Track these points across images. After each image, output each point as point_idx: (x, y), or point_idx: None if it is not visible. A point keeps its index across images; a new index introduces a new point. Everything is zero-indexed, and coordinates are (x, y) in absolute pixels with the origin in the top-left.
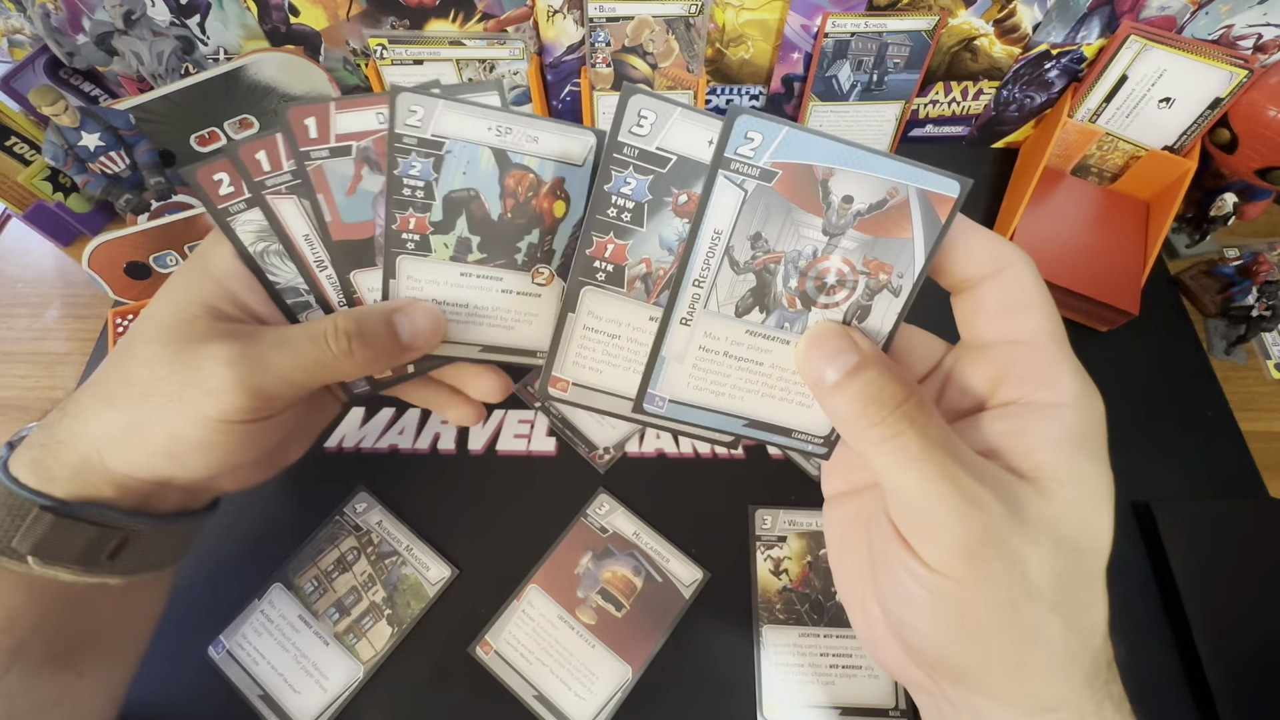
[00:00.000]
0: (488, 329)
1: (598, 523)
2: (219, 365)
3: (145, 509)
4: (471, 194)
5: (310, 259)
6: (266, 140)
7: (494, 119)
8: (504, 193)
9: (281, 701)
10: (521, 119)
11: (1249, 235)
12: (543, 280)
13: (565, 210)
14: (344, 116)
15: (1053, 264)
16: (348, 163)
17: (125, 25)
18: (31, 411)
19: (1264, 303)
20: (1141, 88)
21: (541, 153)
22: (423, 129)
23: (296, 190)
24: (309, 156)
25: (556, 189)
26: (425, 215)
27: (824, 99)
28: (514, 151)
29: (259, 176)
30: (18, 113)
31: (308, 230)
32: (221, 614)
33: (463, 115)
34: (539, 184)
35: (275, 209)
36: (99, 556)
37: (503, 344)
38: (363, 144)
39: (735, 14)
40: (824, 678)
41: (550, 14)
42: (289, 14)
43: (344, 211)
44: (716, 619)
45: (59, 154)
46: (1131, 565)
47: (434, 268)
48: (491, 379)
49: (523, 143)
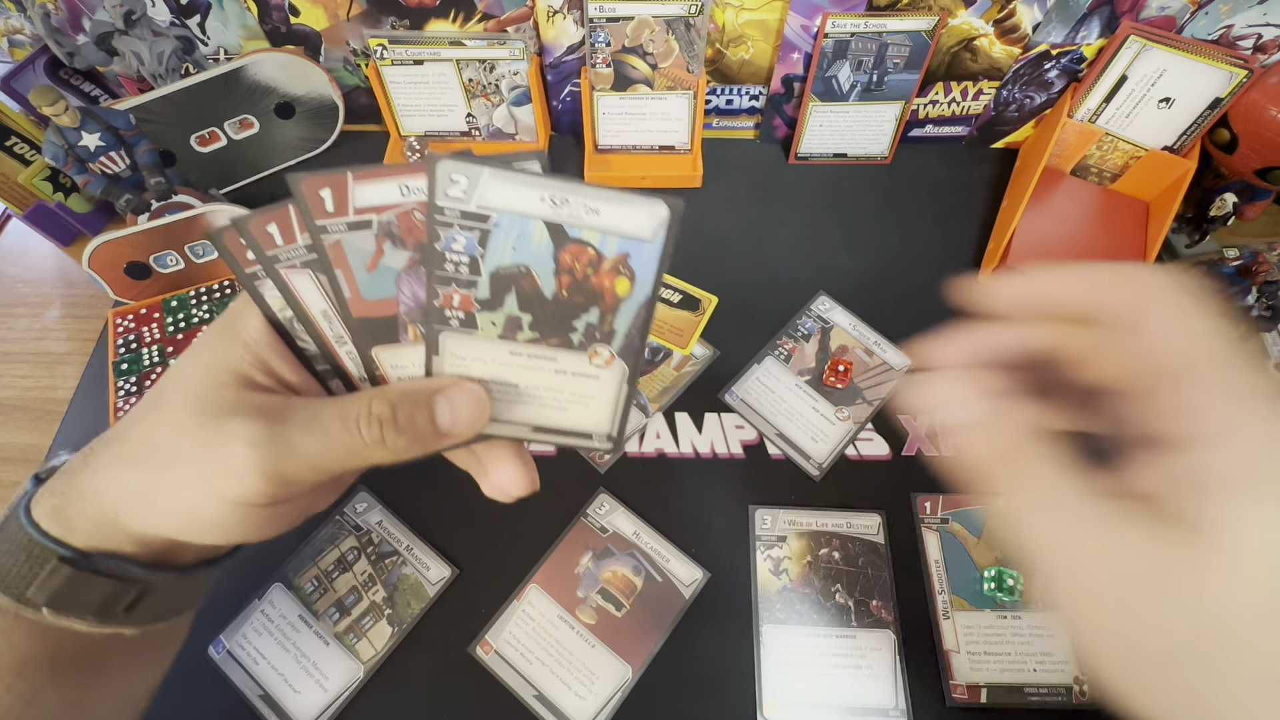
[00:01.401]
0: (539, 409)
1: (598, 523)
2: (244, 446)
3: (165, 563)
4: (522, 270)
5: (329, 335)
6: (278, 212)
7: (547, 188)
8: (559, 269)
9: (281, 701)
10: (580, 189)
11: (1249, 235)
12: (601, 362)
13: (629, 288)
14: (363, 188)
15: (1053, 264)
16: (368, 237)
17: (125, 25)
18: (32, 411)
19: (1264, 303)
20: (1141, 88)
21: (603, 226)
22: (466, 201)
23: (312, 265)
24: (325, 230)
25: (620, 265)
26: (470, 292)
27: (824, 99)
28: (570, 225)
29: (271, 250)
30: (18, 113)
31: (325, 306)
32: (221, 614)
33: (511, 185)
34: (599, 260)
35: (290, 284)
36: (115, 609)
37: (555, 425)
38: (384, 218)
39: (735, 14)
40: (824, 678)
41: (550, 14)
42: (289, 14)
43: (364, 288)
44: (716, 619)
45: (59, 154)
46: None
47: (481, 345)
48: (514, 469)
49: (581, 215)
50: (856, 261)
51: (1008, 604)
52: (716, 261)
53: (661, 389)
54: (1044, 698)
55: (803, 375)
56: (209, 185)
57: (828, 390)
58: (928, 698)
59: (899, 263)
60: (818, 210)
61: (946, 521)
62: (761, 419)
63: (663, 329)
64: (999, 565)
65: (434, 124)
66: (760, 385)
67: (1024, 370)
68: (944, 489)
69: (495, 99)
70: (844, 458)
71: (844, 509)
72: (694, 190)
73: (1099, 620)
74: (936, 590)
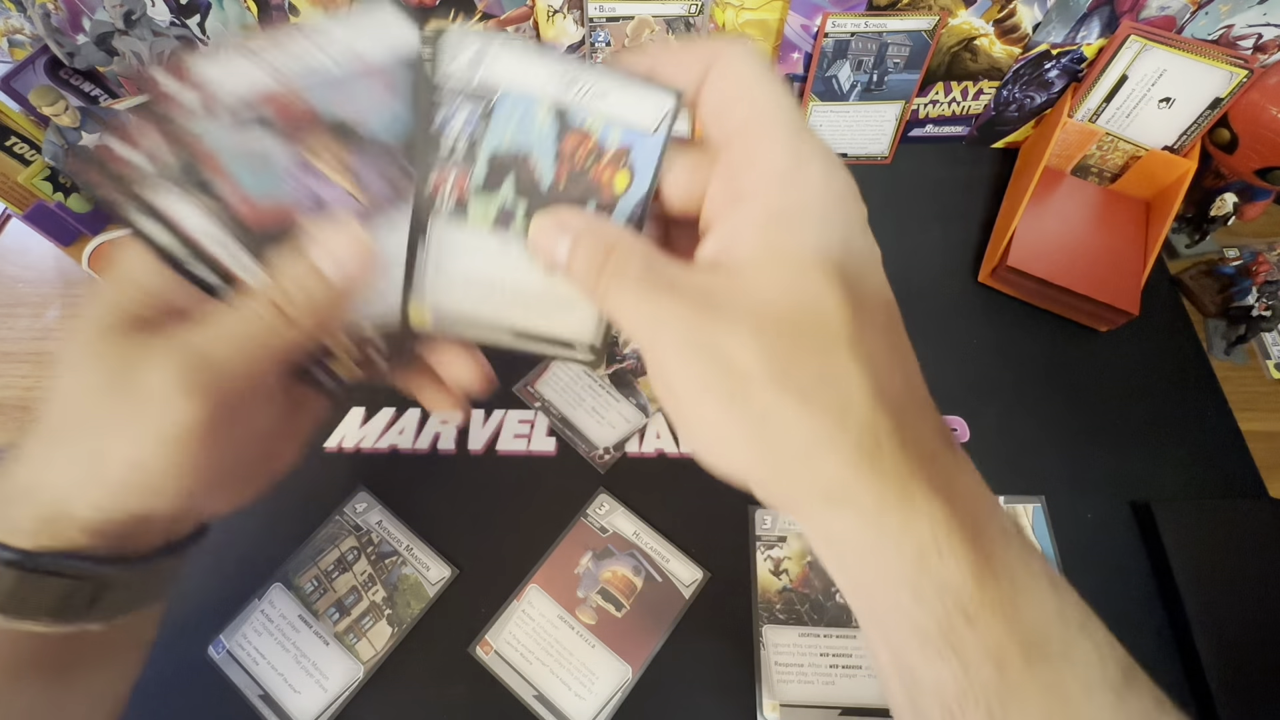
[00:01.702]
0: (523, 312)
1: (598, 523)
2: (157, 373)
3: (125, 551)
4: (523, 155)
5: (225, 258)
6: (129, 129)
7: (558, 65)
8: (559, 157)
9: (281, 701)
10: (589, 68)
11: (1249, 235)
12: None
13: (628, 184)
14: (217, 72)
15: (1053, 264)
16: (243, 134)
17: (125, 25)
18: (32, 411)
19: (1264, 303)
20: (1141, 88)
21: (608, 112)
22: (471, 73)
23: (181, 182)
24: (187, 138)
25: (620, 158)
26: (467, 174)
27: (824, 99)
28: (576, 108)
29: (131, 174)
30: (18, 113)
31: (209, 227)
32: (221, 614)
33: (521, 59)
34: (601, 151)
35: (163, 210)
36: (74, 607)
37: (538, 331)
38: (255, 107)
39: (735, 14)
40: (824, 678)
41: (550, 14)
42: (289, 14)
43: (254, 192)
44: (716, 619)
45: (59, 154)
46: (1131, 565)
47: (471, 235)
48: (466, 362)
49: (588, 99)
50: None
51: None
52: None
53: None
54: None
55: None
56: None
57: None
58: None
59: (899, 263)
60: None
61: None
62: None
63: None
64: None
65: None
66: None
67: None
68: None
69: None
70: None
71: None
72: None
73: (692, 408)
74: None
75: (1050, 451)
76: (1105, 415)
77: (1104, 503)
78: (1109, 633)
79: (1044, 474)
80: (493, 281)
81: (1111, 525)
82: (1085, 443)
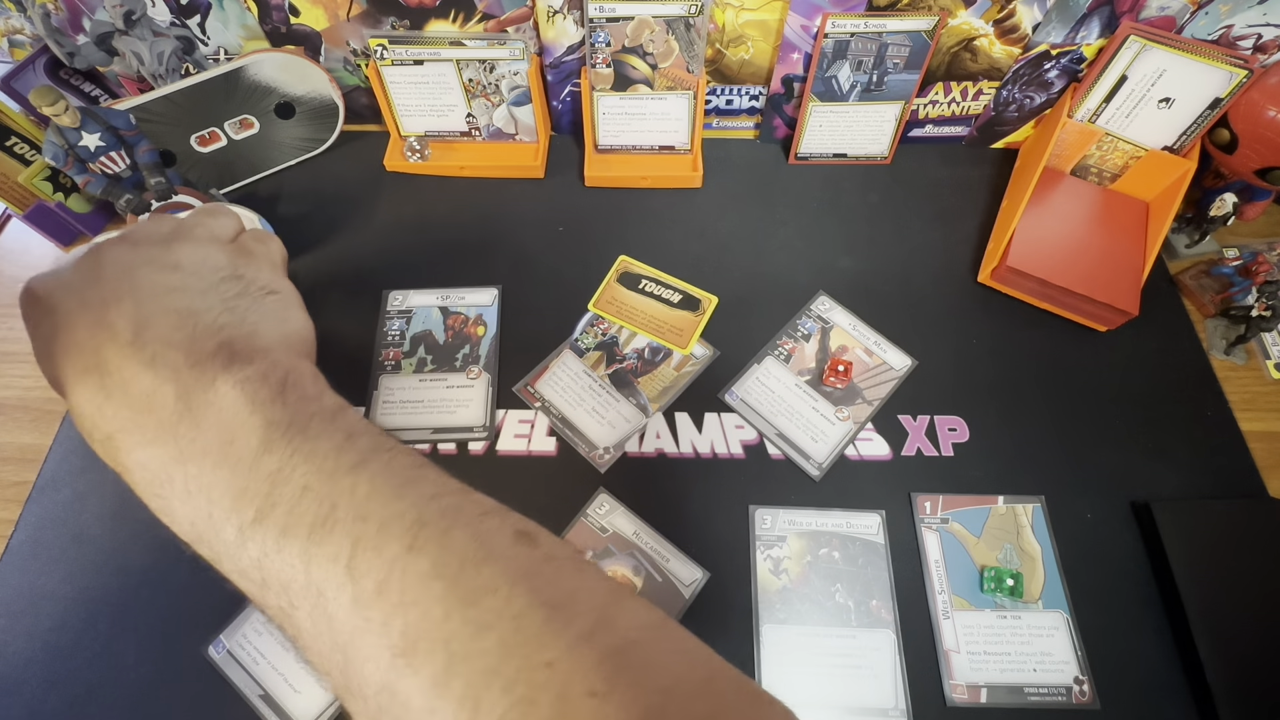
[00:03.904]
0: (437, 415)
1: (598, 523)
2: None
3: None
4: (427, 332)
5: None
6: None
7: (441, 293)
8: (446, 328)
9: (281, 701)
10: (454, 293)
11: (1249, 235)
12: (474, 375)
13: (484, 331)
14: None
15: (1053, 264)
16: None
17: (125, 25)
18: (32, 411)
19: (1264, 303)
20: (1141, 88)
21: (466, 304)
22: (403, 305)
23: None
24: None
25: (479, 320)
26: (400, 349)
27: (824, 99)
28: (453, 307)
29: None
30: (18, 113)
31: None
32: (221, 614)
33: (420, 295)
34: (468, 320)
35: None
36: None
37: (447, 425)
38: None
39: (735, 14)
40: (824, 678)
41: (550, 14)
42: (289, 14)
43: None
44: (716, 619)
45: (59, 154)
46: (1131, 565)
47: (403, 380)
48: None
49: (455, 301)
50: (856, 261)
51: (1008, 604)
52: (716, 261)
53: (661, 389)
54: (1044, 698)
55: (802, 375)
56: (209, 185)
57: (827, 390)
58: (928, 698)
59: (899, 263)
60: (818, 210)
61: (946, 521)
62: (761, 419)
63: (663, 329)
64: (999, 565)
65: (434, 124)
66: (760, 385)
67: None
68: (944, 488)
69: (495, 99)
70: (844, 458)
71: (844, 509)
72: (694, 190)
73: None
74: (936, 590)
75: (1050, 451)
76: (1105, 415)
77: (1104, 503)
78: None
79: (1044, 474)
80: (416, 401)
81: (1111, 525)
82: (1085, 443)
